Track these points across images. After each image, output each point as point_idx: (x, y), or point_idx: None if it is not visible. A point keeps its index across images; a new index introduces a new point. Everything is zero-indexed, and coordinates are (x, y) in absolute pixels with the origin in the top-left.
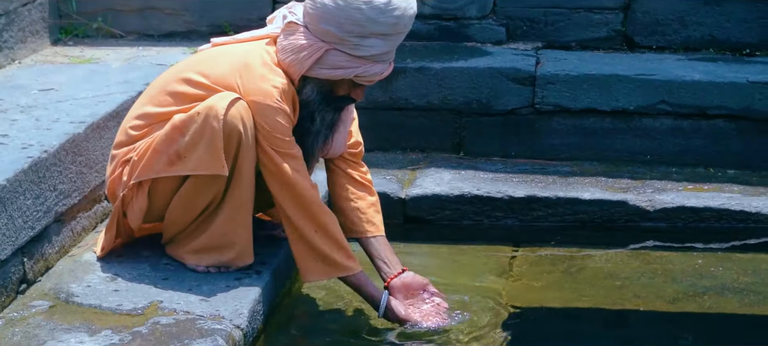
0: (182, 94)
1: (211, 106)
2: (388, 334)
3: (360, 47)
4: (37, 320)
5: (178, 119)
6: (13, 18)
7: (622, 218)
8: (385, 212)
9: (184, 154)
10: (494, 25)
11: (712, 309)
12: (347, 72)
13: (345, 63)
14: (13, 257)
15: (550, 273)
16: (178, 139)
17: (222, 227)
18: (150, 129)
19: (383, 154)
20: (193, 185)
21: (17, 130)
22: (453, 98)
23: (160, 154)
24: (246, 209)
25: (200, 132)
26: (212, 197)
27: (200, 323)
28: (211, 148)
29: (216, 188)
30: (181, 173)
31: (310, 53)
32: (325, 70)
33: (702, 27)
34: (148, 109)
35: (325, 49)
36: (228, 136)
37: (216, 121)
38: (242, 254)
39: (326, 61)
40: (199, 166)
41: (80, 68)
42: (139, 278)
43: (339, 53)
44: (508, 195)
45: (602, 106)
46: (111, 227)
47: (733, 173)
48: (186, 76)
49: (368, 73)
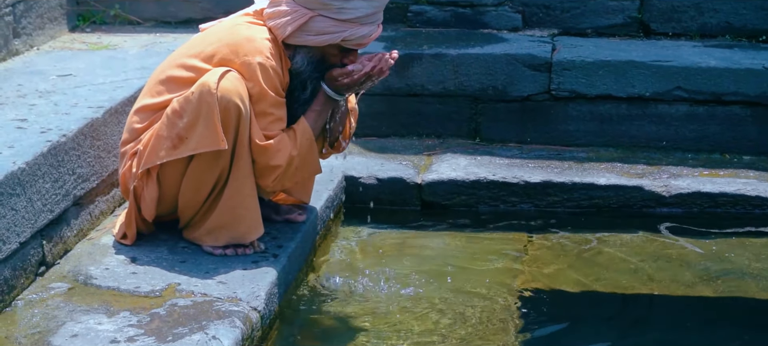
0: (176, 79)
1: (204, 83)
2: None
3: (344, 10)
4: (56, 301)
5: (176, 102)
6: (32, 5)
7: (638, 204)
8: (402, 196)
9: (185, 136)
10: (510, 11)
11: (727, 293)
12: (334, 37)
13: (331, 28)
14: (33, 240)
15: (565, 258)
16: (178, 122)
17: (230, 200)
18: (152, 120)
19: (399, 140)
20: (199, 164)
21: (36, 115)
22: (469, 84)
23: (162, 139)
24: (251, 180)
25: (197, 110)
26: (219, 173)
27: (217, 305)
28: (209, 125)
29: (221, 164)
30: (184, 154)
31: (295, 19)
32: (312, 37)
33: (718, 14)
34: (147, 102)
35: (309, 15)
36: (225, 110)
37: (210, 96)
38: (253, 226)
39: (312, 27)
40: (200, 144)
41: (98, 54)
42: (157, 260)
43: (324, 19)
44: (524, 180)
45: (618, 93)
46: (129, 224)
47: (749, 159)
48: (179, 61)
49: (355, 36)
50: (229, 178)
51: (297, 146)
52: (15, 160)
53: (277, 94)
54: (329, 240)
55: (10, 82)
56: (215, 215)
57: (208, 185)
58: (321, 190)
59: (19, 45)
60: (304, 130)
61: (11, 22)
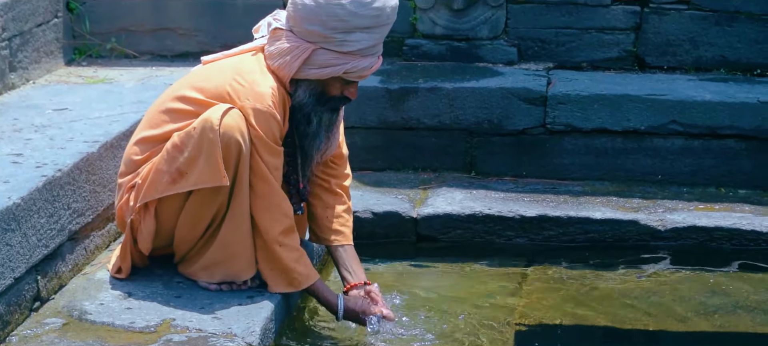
0: (178, 112)
1: (207, 119)
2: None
3: (346, 43)
4: (50, 337)
5: (176, 137)
6: (28, 38)
7: (634, 238)
8: (397, 230)
9: (185, 170)
10: (505, 45)
11: (723, 328)
12: (336, 69)
13: (333, 60)
14: (27, 275)
15: (560, 292)
16: (178, 157)
17: (226, 237)
18: (151, 152)
19: (395, 173)
20: (197, 200)
21: (31, 150)
22: (464, 118)
23: (162, 173)
24: (247, 219)
25: (198, 146)
26: (216, 210)
27: (212, 340)
28: (211, 161)
29: (219, 200)
30: (184, 189)
31: (298, 54)
32: (314, 70)
33: (713, 47)
34: (147, 133)
35: (311, 49)
36: (226, 147)
37: (212, 132)
38: (247, 265)
39: (314, 60)
40: (200, 180)
41: (94, 88)
42: (152, 296)
43: (326, 52)
44: (520, 214)
45: (613, 126)
46: (124, 257)
47: (745, 193)
48: (180, 93)
49: (357, 69)
50: (226, 215)
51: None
52: (10, 195)
53: (275, 143)
54: (325, 275)
55: (6, 116)
56: (211, 252)
57: (205, 220)
58: None
59: (15, 79)
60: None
61: (7, 56)
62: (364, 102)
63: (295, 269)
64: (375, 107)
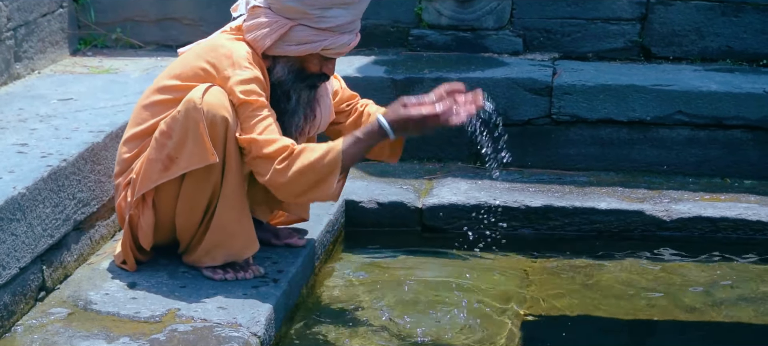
0: (159, 103)
1: (189, 100)
2: (406, 339)
3: (324, 19)
4: (55, 327)
5: (163, 124)
6: (33, 28)
7: (639, 228)
8: (403, 220)
9: (175, 156)
10: (511, 36)
11: (728, 319)
12: (314, 46)
13: (311, 37)
14: (33, 265)
15: (566, 282)
16: (167, 143)
17: (222, 217)
18: (140, 148)
19: (400, 164)
20: (191, 184)
21: (37, 139)
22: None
23: (154, 162)
24: (242, 196)
25: (184, 128)
26: (211, 191)
27: (217, 330)
28: (198, 141)
29: (213, 181)
30: (176, 173)
31: (275, 29)
32: (292, 47)
33: (719, 38)
34: (133, 131)
35: (289, 25)
36: (212, 125)
37: (196, 112)
38: (247, 242)
39: (292, 37)
40: (191, 162)
41: (99, 78)
42: (157, 286)
43: (304, 28)
44: (525, 205)
45: (619, 117)
46: (127, 253)
47: (750, 183)
48: (158, 86)
49: (335, 45)
50: (220, 195)
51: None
52: (15, 185)
53: (259, 95)
54: (330, 265)
55: (11, 106)
56: (210, 235)
57: (202, 203)
58: (321, 214)
59: (21, 69)
60: (333, 148)
61: (12, 46)
62: (370, 92)
63: (314, 168)
64: (380, 97)
